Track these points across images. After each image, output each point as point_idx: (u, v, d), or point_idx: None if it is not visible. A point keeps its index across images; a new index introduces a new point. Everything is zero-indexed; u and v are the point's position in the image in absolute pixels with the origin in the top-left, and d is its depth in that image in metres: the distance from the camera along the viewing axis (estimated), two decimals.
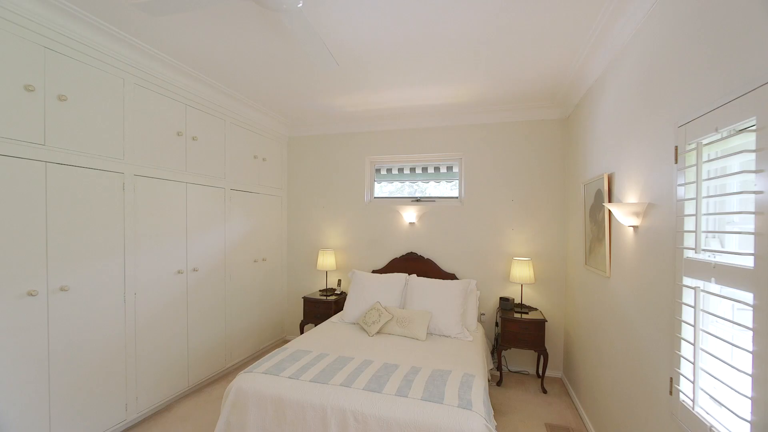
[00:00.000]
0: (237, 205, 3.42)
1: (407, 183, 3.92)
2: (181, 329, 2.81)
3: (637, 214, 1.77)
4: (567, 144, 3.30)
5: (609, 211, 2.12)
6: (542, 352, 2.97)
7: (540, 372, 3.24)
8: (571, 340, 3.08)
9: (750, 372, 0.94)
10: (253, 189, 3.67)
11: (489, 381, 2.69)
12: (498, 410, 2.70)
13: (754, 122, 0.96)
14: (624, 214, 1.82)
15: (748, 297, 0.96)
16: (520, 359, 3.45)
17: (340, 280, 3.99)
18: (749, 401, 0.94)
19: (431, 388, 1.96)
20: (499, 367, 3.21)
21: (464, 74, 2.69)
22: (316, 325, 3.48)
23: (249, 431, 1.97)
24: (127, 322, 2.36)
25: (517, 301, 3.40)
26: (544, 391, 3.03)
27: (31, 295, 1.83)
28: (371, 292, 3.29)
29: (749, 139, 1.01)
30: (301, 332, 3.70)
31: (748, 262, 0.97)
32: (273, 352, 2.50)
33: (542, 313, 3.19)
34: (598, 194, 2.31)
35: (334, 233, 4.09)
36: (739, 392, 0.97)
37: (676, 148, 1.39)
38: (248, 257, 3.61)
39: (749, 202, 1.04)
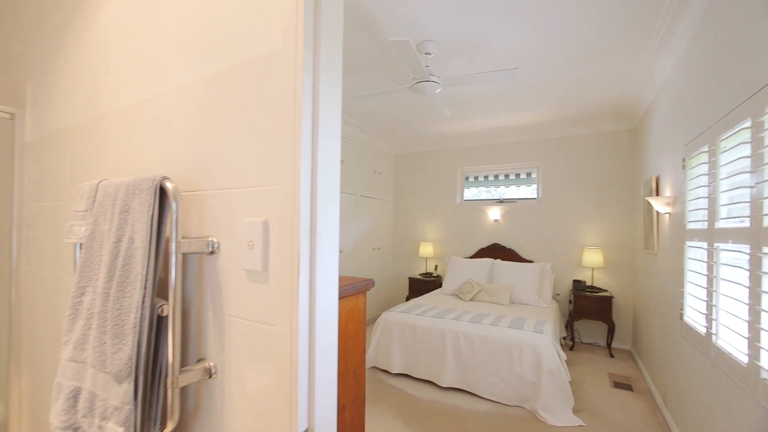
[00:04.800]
0: (363, 207, 4.74)
1: (492, 188, 4.85)
2: None
3: (668, 204, 2.52)
4: (633, 151, 3.94)
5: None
6: (609, 323, 3.64)
7: (608, 342, 3.88)
8: (637, 314, 3.68)
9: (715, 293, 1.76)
10: (372, 195, 4.97)
11: (561, 346, 3.47)
12: (569, 363, 3.47)
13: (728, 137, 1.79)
14: (659, 204, 2.57)
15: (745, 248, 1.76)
16: (591, 332, 4.11)
17: (436, 266, 5.07)
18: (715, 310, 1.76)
19: (514, 324, 2.91)
20: (572, 338, 3.93)
21: (542, 103, 3.59)
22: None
23: (394, 345, 3.13)
24: None
25: (589, 283, 4.08)
26: (611, 356, 3.68)
27: None
28: (464, 272, 4.29)
29: (733, 150, 1.81)
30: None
31: (745, 224, 1.78)
32: (398, 305, 3.66)
33: (611, 293, 3.84)
34: (650, 191, 3.02)
35: (432, 228, 5.19)
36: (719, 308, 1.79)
37: (683, 159, 2.18)
38: (369, 246, 4.90)
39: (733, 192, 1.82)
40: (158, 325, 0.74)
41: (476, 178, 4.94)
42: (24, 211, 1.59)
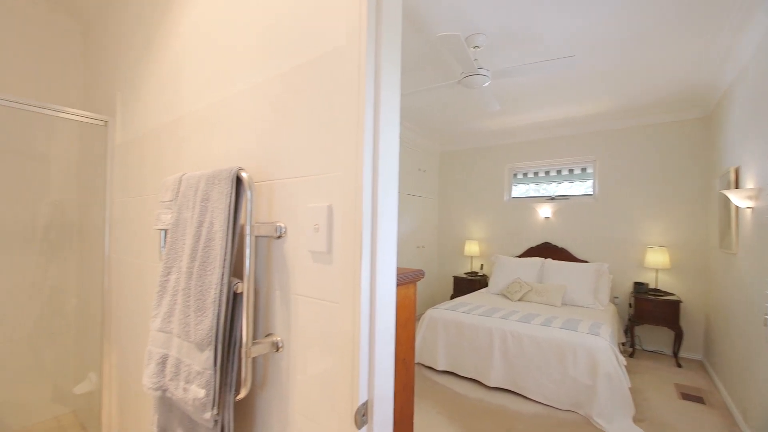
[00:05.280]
0: (407, 205, 4.76)
1: (542, 185, 4.64)
2: None
3: (750, 197, 2.27)
4: (706, 140, 3.57)
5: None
6: (676, 330, 3.34)
7: (675, 350, 3.55)
8: (711, 321, 3.34)
9: None
10: (417, 193, 4.98)
11: (621, 353, 3.25)
12: (628, 370, 3.23)
13: None
14: (739, 198, 2.33)
15: None
16: (654, 339, 3.79)
17: (482, 265, 4.96)
18: None
19: (566, 325, 2.78)
20: (632, 344, 3.66)
21: (600, 92, 3.38)
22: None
23: (439, 342, 3.13)
24: None
25: (652, 286, 3.77)
26: (679, 366, 3.38)
27: None
28: (512, 271, 4.16)
29: None
30: None
31: None
32: (443, 302, 3.64)
33: (678, 296, 3.52)
34: (728, 184, 2.73)
35: (477, 227, 5.08)
36: None
37: None
38: (413, 244, 4.91)
39: None
40: (233, 301, 0.82)
41: (525, 174, 4.76)
42: (114, 206, 1.82)
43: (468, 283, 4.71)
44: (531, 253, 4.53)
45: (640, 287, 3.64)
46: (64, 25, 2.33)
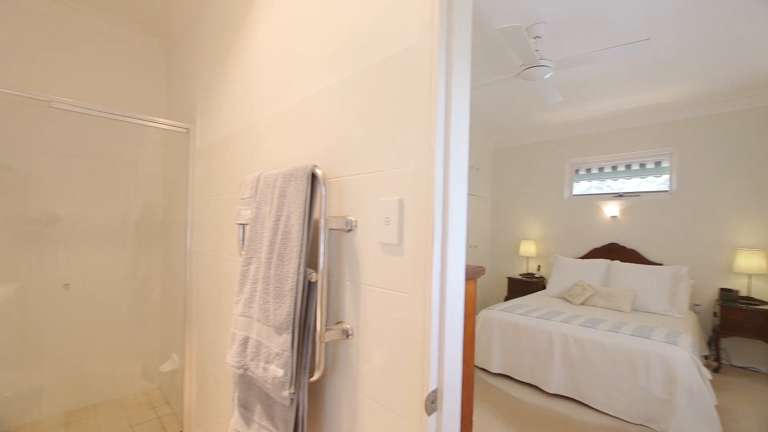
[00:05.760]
0: None
1: (608, 180, 4.31)
2: None
3: None
4: None
5: None
6: None
7: None
8: None
9: None
10: (470, 192, 4.89)
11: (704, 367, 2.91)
12: (714, 387, 2.89)
13: None
14: None
15: None
16: (746, 354, 3.34)
17: (539, 266, 4.73)
18: None
19: (638, 332, 2.56)
20: (717, 358, 3.26)
21: (679, 77, 3.06)
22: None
23: (494, 344, 3.05)
24: None
25: (743, 293, 3.33)
26: None
27: None
28: (573, 273, 3.92)
29: None
30: None
31: None
32: (497, 303, 3.53)
33: None
34: None
35: (534, 226, 4.86)
36: None
37: None
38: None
39: None
40: (308, 289, 0.89)
41: (588, 170, 4.45)
42: (195, 205, 2.03)
43: (523, 285, 4.52)
44: (595, 254, 4.22)
45: (727, 294, 3.23)
46: (151, 45, 2.63)
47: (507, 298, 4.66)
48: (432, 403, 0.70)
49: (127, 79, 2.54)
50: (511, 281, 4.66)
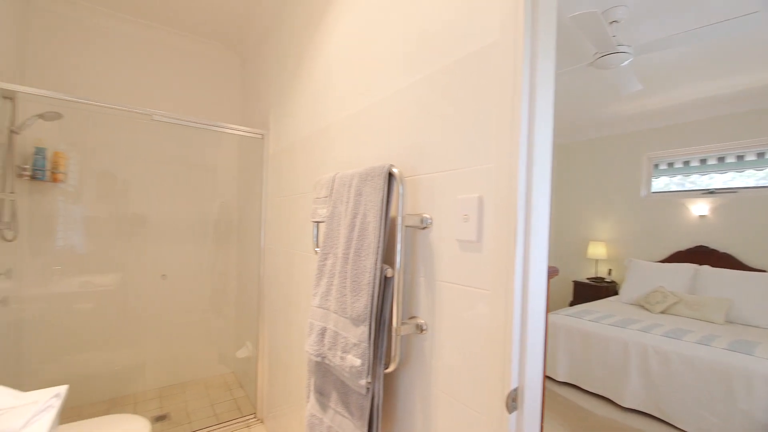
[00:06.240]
0: None
1: (694, 176, 3.85)
2: None
3: None
4: None
5: None
6: None
7: None
8: None
9: None
10: None
11: None
12: None
13: None
14: None
15: None
16: None
17: (610, 270, 4.37)
18: None
19: (736, 347, 2.26)
20: None
21: None
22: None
23: (560, 350, 2.88)
24: None
25: None
26: None
27: None
28: (652, 278, 3.56)
29: None
30: None
31: None
32: (562, 308, 3.33)
33: None
34: None
35: (605, 226, 4.50)
36: None
37: None
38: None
39: None
40: (384, 284, 0.93)
41: (671, 164, 4.02)
42: (268, 205, 2.19)
43: (592, 290, 4.21)
44: (679, 257, 3.80)
45: None
46: (227, 59, 2.89)
47: (572, 303, 4.37)
48: (513, 401, 0.70)
49: (206, 91, 2.82)
50: (578, 285, 4.36)
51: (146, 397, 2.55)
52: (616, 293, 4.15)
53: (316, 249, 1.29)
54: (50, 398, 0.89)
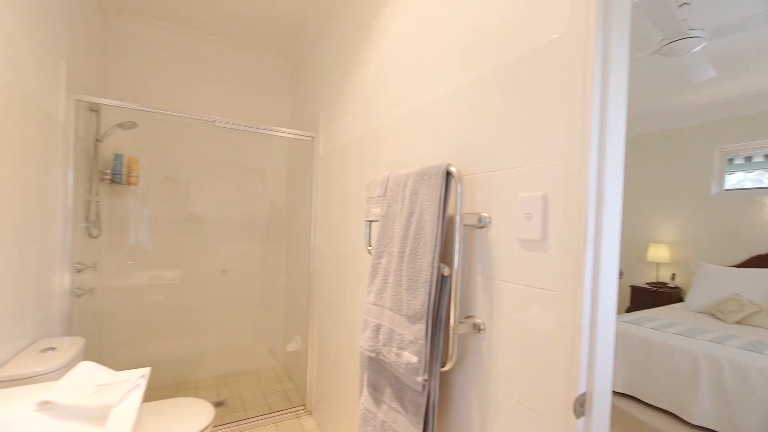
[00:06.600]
0: None
1: None
2: None
3: None
4: None
5: None
6: None
7: None
8: None
9: None
10: None
11: None
12: None
13: None
14: None
15: None
16: None
17: (674, 274, 4.02)
18: None
19: None
20: None
21: None
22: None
23: (617, 359, 2.70)
24: None
25: None
26: None
27: None
28: (724, 285, 3.23)
29: None
30: None
31: None
32: (619, 314, 3.12)
33: None
34: None
35: (668, 227, 4.15)
36: None
37: None
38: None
39: None
40: (441, 282, 0.93)
41: (748, 158, 3.62)
42: (318, 205, 2.27)
43: (652, 295, 3.90)
44: (757, 262, 3.41)
45: None
46: (277, 65, 3.03)
47: (629, 310, 4.08)
48: (581, 406, 0.68)
49: (258, 96, 2.98)
50: (636, 290, 4.06)
51: (206, 383, 2.75)
52: (680, 300, 3.81)
53: (369, 247, 1.32)
54: (138, 378, 0.99)
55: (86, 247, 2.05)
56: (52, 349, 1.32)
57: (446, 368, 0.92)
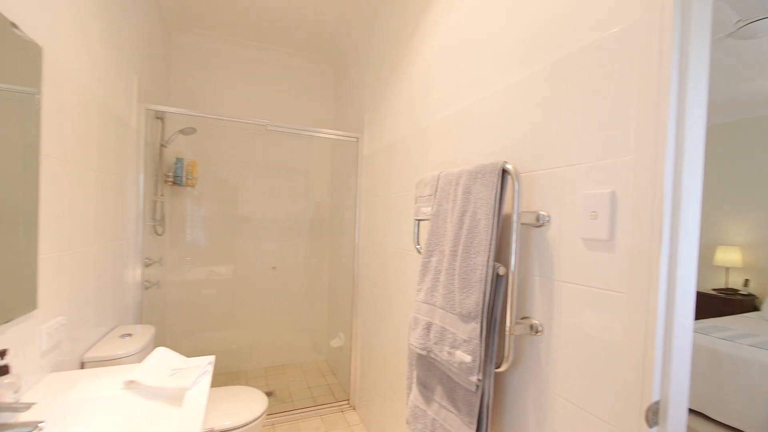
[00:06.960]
0: None
1: None
2: None
3: None
4: None
5: None
6: None
7: None
8: None
9: None
10: None
11: None
12: None
13: None
14: None
15: None
16: None
17: (747, 280, 3.64)
18: None
19: None
20: None
21: None
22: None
23: None
24: None
25: None
26: None
27: None
28: None
29: None
30: None
31: None
32: None
33: None
34: None
35: (740, 228, 3.77)
36: None
37: None
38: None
39: None
40: (495, 282, 0.92)
41: None
42: (362, 204, 2.31)
43: (721, 303, 3.55)
44: None
45: None
46: (322, 69, 3.12)
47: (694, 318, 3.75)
48: (654, 415, 0.64)
49: (303, 99, 3.09)
50: (702, 297, 3.72)
51: (255, 374, 2.90)
52: (755, 309, 3.45)
53: (417, 246, 1.33)
54: (207, 364, 1.07)
55: (153, 243, 2.24)
56: (129, 335, 1.46)
57: (501, 369, 0.91)
